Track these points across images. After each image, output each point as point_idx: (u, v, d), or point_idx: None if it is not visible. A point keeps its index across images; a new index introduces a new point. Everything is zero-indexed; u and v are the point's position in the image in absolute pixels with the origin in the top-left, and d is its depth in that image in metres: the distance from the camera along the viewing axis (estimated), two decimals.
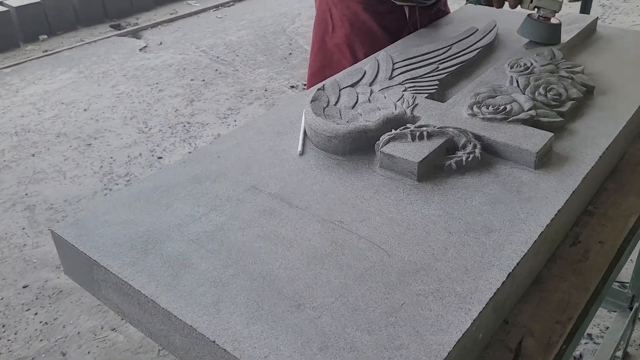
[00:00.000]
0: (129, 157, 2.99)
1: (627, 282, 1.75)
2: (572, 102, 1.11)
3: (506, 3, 1.36)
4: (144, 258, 0.82)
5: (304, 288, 0.75)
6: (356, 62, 1.61)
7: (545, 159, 0.97)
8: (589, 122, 1.08)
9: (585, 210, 1.02)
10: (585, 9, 3.35)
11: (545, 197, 0.89)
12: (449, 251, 0.80)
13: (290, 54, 4.13)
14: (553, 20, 1.33)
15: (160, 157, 2.97)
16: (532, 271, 0.86)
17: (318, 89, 1.16)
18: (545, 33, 1.33)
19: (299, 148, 1.05)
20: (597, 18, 1.48)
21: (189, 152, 2.99)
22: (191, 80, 3.82)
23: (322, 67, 1.71)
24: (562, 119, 1.06)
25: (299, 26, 4.63)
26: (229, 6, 5.27)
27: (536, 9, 1.32)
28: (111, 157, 2.99)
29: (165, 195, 0.95)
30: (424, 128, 1.00)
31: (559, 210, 0.87)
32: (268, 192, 0.94)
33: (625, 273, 1.83)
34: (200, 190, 0.96)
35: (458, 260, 0.79)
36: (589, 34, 1.45)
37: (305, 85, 3.64)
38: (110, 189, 2.74)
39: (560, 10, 1.31)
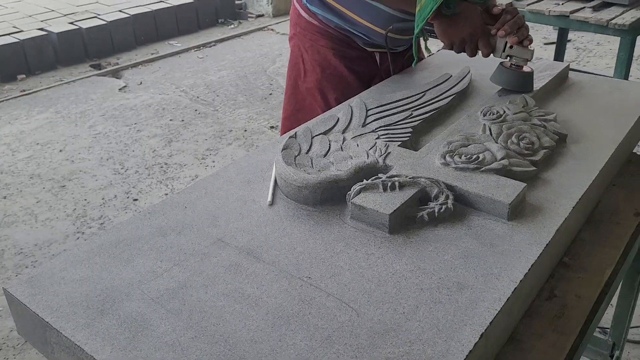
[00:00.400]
0: (103, 199, 2.93)
1: (608, 328, 1.72)
2: (544, 150, 1.10)
3: (479, 52, 1.36)
4: (100, 319, 0.77)
5: (268, 352, 0.71)
6: (328, 107, 1.61)
7: (518, 210, 0.96)
8: (562, 172, 1.07)
9: (560, 261, 1.00)
10: (560, 52, 3.44)
11: (519, 250, 0.87)
12: (420, 310, 0.77)
13: (270, 94, 4.14)
14: (525, 69, 1.33)
15: (135, 199, 2.92)
16: (507, 329, 0.83)
17: (290, 137, 1.14)
18: (517, 81, 1.33)
19: (269, 198, 1.02)
20: (569, 65, 1.49)
21: (165, 194, 2.95)
22: (170, 120, 3.80)
23: (295, 111, 1.70)
24: (534, 168, 1.05)
25: (280, 66, 4.66)
26: (210, 46, 5.30)
27: (508, 58, 1.32)
28: (85, 200, 2.93)
29: (127, 249, 0.91)
30: (396, 178, 0.98)
31: (532, 265, 0.84)
32: (235, 245, 0.91)
33: (606, 317, 1.81)
34: (164, 243, 0.92)
35: (429, 319, 0.75)
36: (561, 81, 1.46)
37: None
38: (83, 232, 2.67)
39: (532, 58, 1.32)
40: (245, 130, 3.58)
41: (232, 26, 5.95)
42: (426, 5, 1.28)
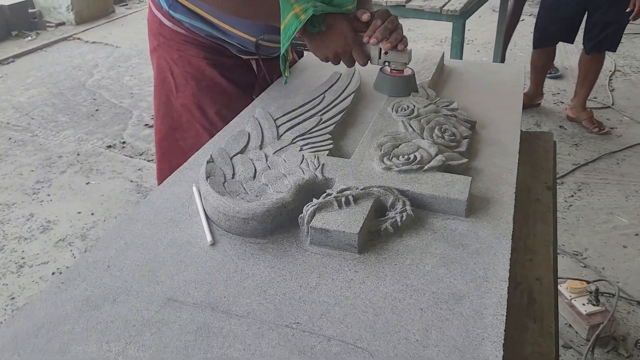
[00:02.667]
0: None
1: None
2: (466, 140, 1.11)
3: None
4: None
5: None
6: (209, 122, 1.47)
7: (470, 204, 0.95)
8: (486, 159, 1.09)
9: None
10: None
11: (490, 246, 0.86)
12: (432, 332, 0.71)
13: (97, 110, 3.74)
14: (406, 72, 1.29)
15: None
16: None
17: (207, 162, 1.00)
18: (399, 86, 1.29)
19: (208, 237, 0.88)
20: (444, 53, 1.54)
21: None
22: None
23: (172, 130, 1.52)
24: (466, 159, 1.05)
25: (100, 78, 4.25)
26: (7, 63, 4.64)
27: (386, 63, 1.28)
28: None
29: (54, 335, 0.71)
30: (347, 192, 0.91)
31: (509, 259, 0.84)
32: (192, 302, 0.76)
33: None
34: (102, 318, 0.74)
35: (445, 341, 0.70)
36: (441, 69, 1.50)
37: (123, 143, 3.32)
38: None
39: (410, 61, 1.27)
40: (79, 154, 3.19)
41: (30, 38, 5.29)
42: (290, 25, 1.18)
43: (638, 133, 3.18)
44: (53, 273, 2.24)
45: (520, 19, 3.91)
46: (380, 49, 1.24)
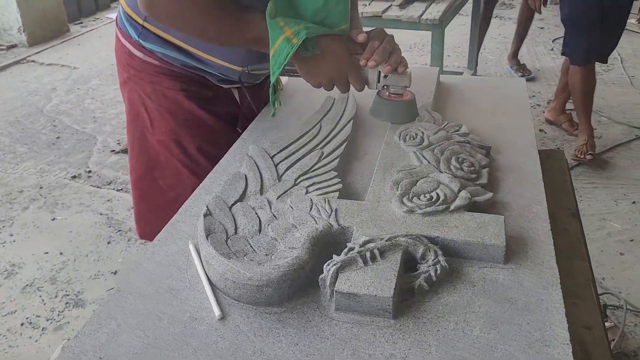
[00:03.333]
0: None
1: None
2: (485, 169, 1.01)
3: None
4: None
5: None
6: (189, 159, 1.33)
7: (506, 248, 0.84)
8: (510, 189, 1.00)
9: None
10: None
11: (540, 299, 0.76)
12: None
13: (58, 137, 3.53)
14: (406, 95, 1.17)
15: None
16: None
17: (205, 215, 0.87)
18: (401, 112, 1.17)
19: (216, 310, 0.75)
20: (440, 69, 1.45)
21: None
22: None
23: (150, 169, 1.38)
24: (491, 193, 0.95)
25: (59, 103, 4.02)
26: None
27: (385, 87, 1.17)
28: None
29: None
30: (371, 244, 0.80)
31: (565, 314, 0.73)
32: None
33: None
34: None
35: None
36: (439, 88, 1.41)
37: (89, 172, 3.13)
38: None
39: (410, 84, 1.15)
40: (41, 187, 2.98)
41: None
42: (281, 50, 1.06)
43: (617, 133, 3.16)
44: (22, 324, 2.05)
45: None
46: (380, 72, 1.14)
